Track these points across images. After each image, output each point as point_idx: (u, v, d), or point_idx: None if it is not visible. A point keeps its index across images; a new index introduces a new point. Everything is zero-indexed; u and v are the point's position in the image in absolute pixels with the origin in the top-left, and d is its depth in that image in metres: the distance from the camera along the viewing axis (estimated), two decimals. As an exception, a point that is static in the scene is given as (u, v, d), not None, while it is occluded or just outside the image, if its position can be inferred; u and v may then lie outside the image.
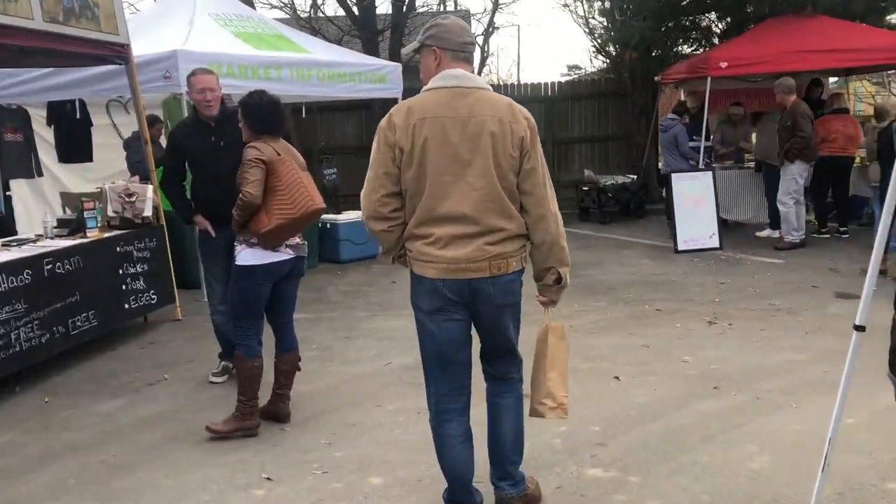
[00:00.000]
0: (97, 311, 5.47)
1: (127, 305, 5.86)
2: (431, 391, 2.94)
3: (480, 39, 14.77)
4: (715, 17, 12.24)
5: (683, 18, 12.10)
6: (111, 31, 5.96)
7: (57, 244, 5.35)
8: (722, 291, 7.03)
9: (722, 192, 9.39)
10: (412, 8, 13.60)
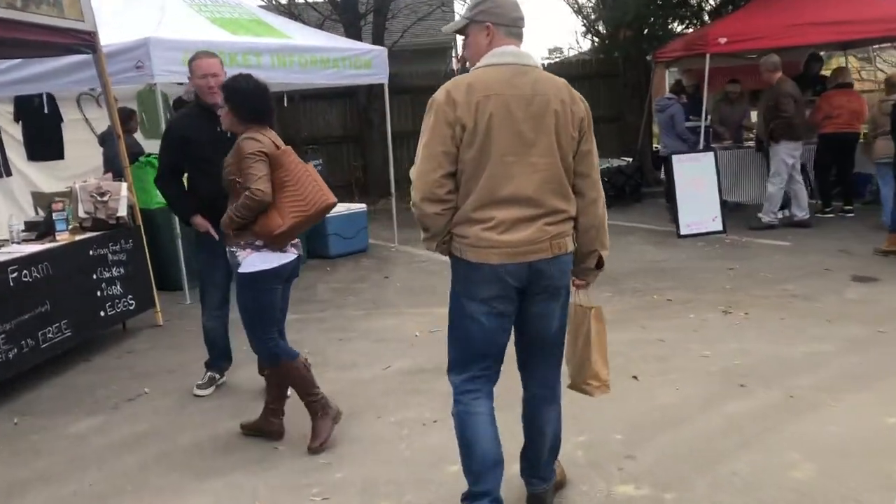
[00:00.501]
0: (70, 320, 5.07)
1: (103, 313, 5.45)
2: (459, 374, 2.80)
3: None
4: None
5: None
6: (76, 17, 5.50)
7: (23, 250, 4.92)
8: (732, 278, 6.70)
9: (722, 173, 9.05)
10: (395, -10, 13.19)
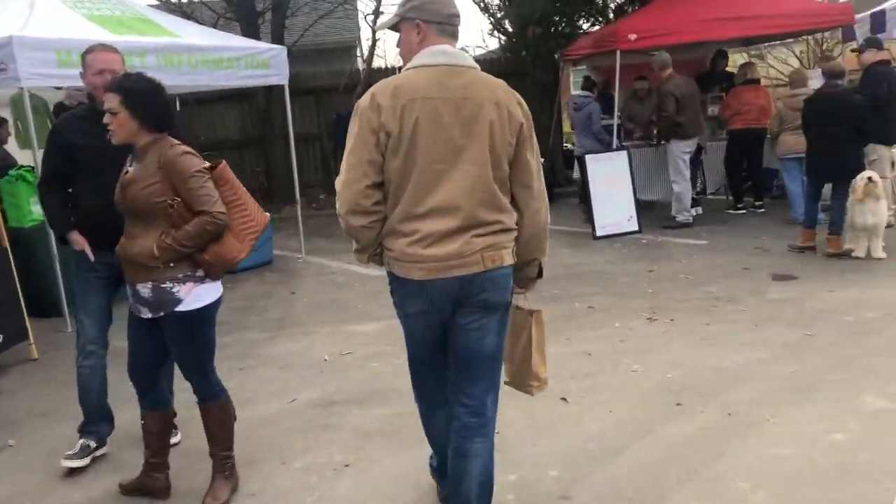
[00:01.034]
0: (-81, 362, 4.37)
1: (-39, 351, 4.76)
2: (419, 387, 2.85)
3: (371, 20, 13.83)
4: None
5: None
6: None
7: None
8: (653, 281, 6.51)
9: (633, 171, 8.91)
10: (295, -14, 12.59)
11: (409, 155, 2.42)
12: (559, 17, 11.38)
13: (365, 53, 14.04)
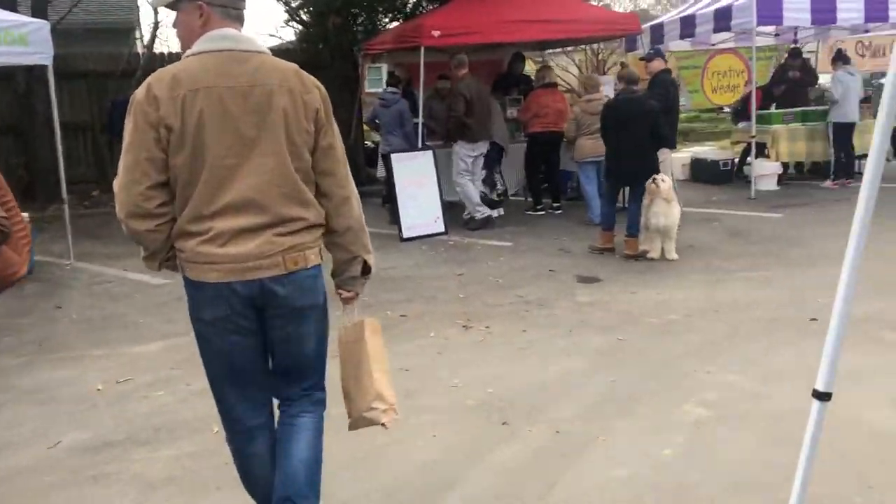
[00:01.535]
0: None
1: None
2: (227, 412, 2.47)
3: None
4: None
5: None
6: None
7: None
8: (463, 285, 6.32)
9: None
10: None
11: (195, 151, 2.22)
12: (359, 10, 10.97)
13: (146, 38, 12.83)
